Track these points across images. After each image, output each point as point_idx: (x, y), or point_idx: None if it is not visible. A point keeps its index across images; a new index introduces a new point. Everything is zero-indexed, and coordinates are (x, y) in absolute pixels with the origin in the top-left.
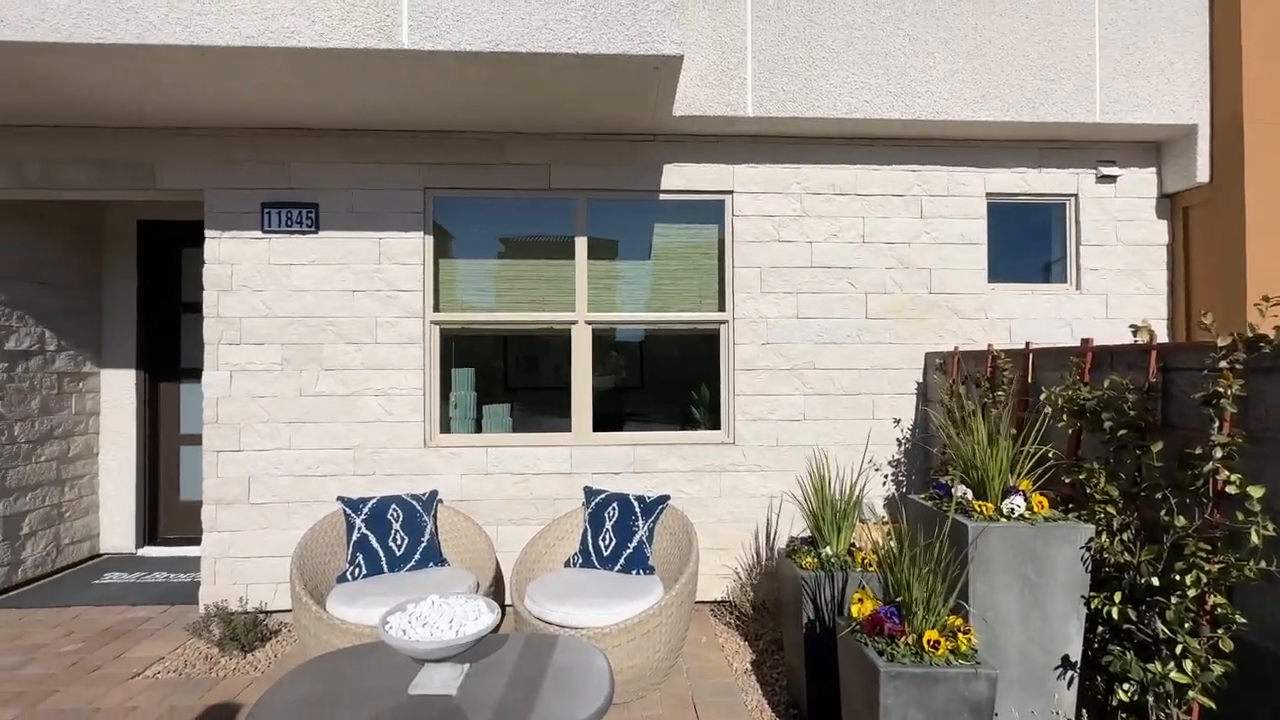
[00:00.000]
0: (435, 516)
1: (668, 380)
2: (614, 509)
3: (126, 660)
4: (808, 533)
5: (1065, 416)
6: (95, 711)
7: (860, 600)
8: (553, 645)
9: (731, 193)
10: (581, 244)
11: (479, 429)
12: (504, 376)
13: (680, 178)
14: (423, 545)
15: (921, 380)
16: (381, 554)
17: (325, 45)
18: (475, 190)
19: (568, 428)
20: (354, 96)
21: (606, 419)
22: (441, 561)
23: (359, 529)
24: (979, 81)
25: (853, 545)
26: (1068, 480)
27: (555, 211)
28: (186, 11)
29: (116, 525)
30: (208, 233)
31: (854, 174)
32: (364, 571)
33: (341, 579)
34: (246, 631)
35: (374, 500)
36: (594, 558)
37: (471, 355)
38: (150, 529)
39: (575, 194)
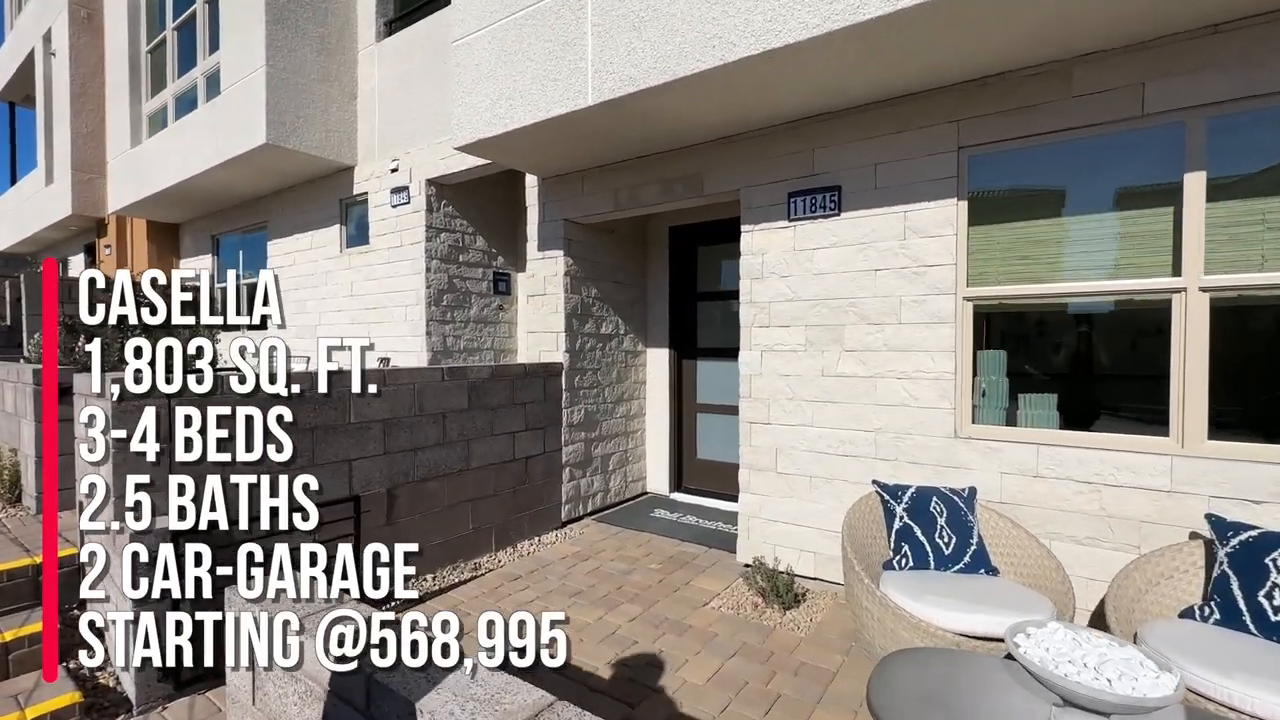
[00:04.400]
0: (977, 517)
1: None
2: (1278, 558)
3: (694, 588)
4: None
5: None
6: (689, 627)
7: None
8: None
9: None
10: (1196, 181)
11: (1012, 421)
12: (1035, 361)
13: None
14: (971, 548)
15: None
16: (928, 549)
17: (894, 9)
18: (1026, 139)
19: (1149, 429)
20: (897, 60)
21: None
22: (992, 570)
23: (900, 517)
24: None
25: None
26: None
27: (1145, 145)
28: (759, 24)
29: (654, 472)
30: (743, 227)
31: None
32: (910, 563)
33: (888, 566)
34: (785, 590)
35: (913, 489)
36: (1248, 619)
37: (1002, 336)
38: (677, 478)
39: (1187, 113)
